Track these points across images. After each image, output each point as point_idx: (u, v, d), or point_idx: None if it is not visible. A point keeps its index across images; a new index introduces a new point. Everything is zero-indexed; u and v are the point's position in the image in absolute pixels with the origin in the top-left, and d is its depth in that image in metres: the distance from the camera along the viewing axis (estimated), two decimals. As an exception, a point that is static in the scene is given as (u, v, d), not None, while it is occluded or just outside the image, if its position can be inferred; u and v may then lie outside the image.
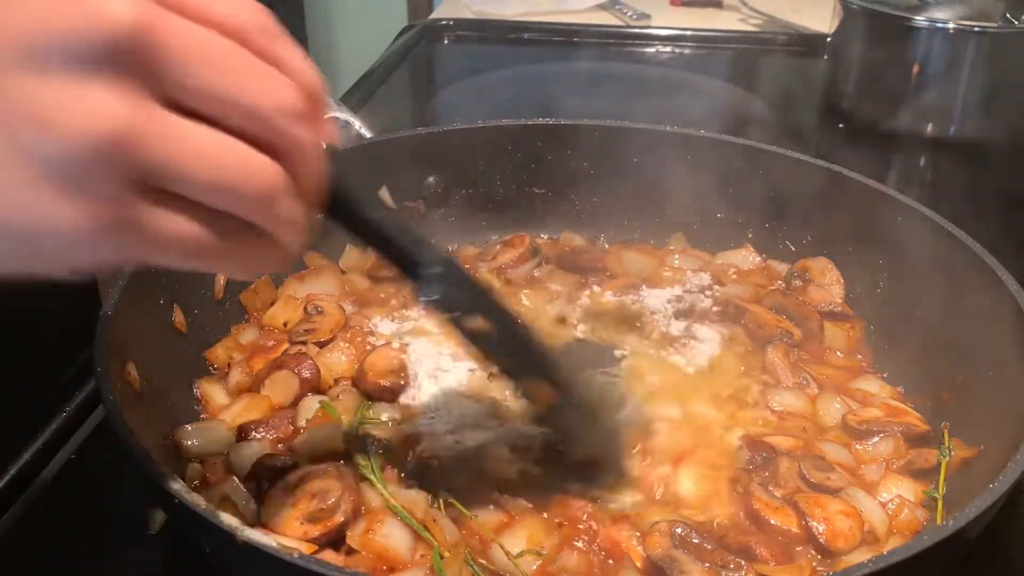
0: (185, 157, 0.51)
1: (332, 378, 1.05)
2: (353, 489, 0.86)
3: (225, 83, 0.52)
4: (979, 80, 1.73)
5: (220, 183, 0.53)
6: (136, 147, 0.49)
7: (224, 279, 1.12)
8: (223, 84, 0.52)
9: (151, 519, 0.90)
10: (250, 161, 0.54)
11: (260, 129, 0.54)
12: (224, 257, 0.57)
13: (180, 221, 0.53)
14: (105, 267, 0.54)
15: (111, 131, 0.48)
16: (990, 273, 0.97)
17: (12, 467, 0.96)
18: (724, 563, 0.79)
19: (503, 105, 1.90)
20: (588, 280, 1.24)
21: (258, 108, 0.53)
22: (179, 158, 0.51)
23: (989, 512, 0.72)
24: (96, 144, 0.48)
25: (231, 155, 0.53)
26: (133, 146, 0.49)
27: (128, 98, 0.49)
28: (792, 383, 1.06)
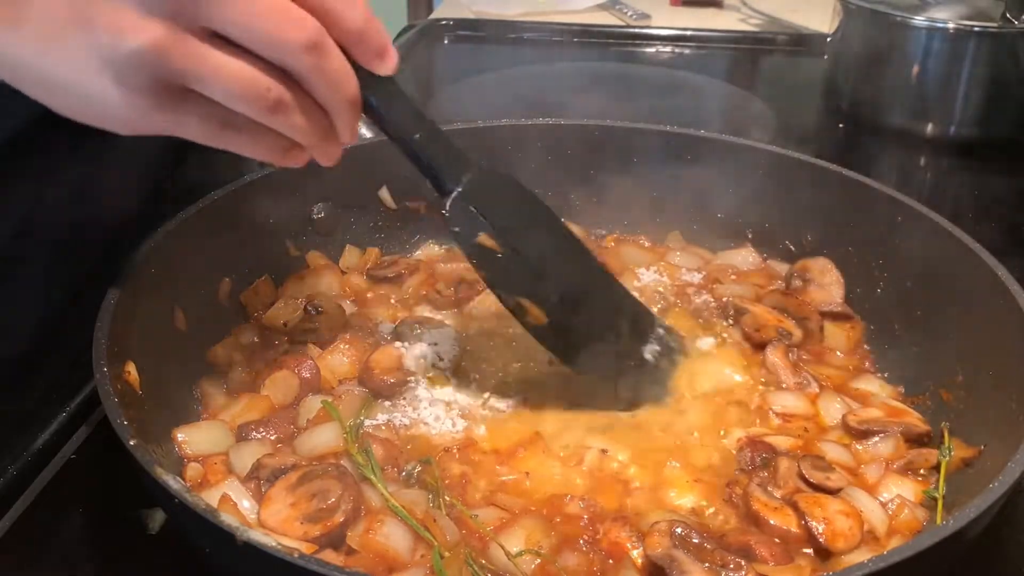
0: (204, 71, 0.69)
1: (332, 378, 1.05)
2: (353, 489, 0.86)
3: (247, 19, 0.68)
4: (979, 80, 1.73)
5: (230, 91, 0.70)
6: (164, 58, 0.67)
7: (228, 285, 1.12)
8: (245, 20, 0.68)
9: (151, 519, 0.89)
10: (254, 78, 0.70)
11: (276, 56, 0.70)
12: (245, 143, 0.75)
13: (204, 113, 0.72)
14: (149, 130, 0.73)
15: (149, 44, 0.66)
16: (990, 273, 0.97)
17: (12, 467, 0.96)
18: (724, 563, 0.79)
19: (503, 105, 1.90)
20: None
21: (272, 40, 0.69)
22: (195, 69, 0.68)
23: (989, 512, 0.72)
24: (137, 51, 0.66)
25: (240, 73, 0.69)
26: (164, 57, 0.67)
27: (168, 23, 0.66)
28: (792, 383, 1.06)
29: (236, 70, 0.69)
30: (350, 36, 0.74)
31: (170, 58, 0.67)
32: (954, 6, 1.77)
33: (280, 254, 1.21)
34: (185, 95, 0.70)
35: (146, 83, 0.68)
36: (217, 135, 0.73)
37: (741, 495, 0.90)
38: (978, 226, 1.05)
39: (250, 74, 0.70)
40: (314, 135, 0.76)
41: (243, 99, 0.70)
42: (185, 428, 0.94)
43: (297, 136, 0.75)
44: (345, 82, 0.75)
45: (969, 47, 1.72)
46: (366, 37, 0.75)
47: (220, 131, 0.73)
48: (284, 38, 0.69)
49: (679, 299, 1.21)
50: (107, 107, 0.70)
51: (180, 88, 0.69)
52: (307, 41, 0.70)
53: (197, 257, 1.07)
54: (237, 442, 0.95)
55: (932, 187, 1.79)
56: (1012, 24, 1.69)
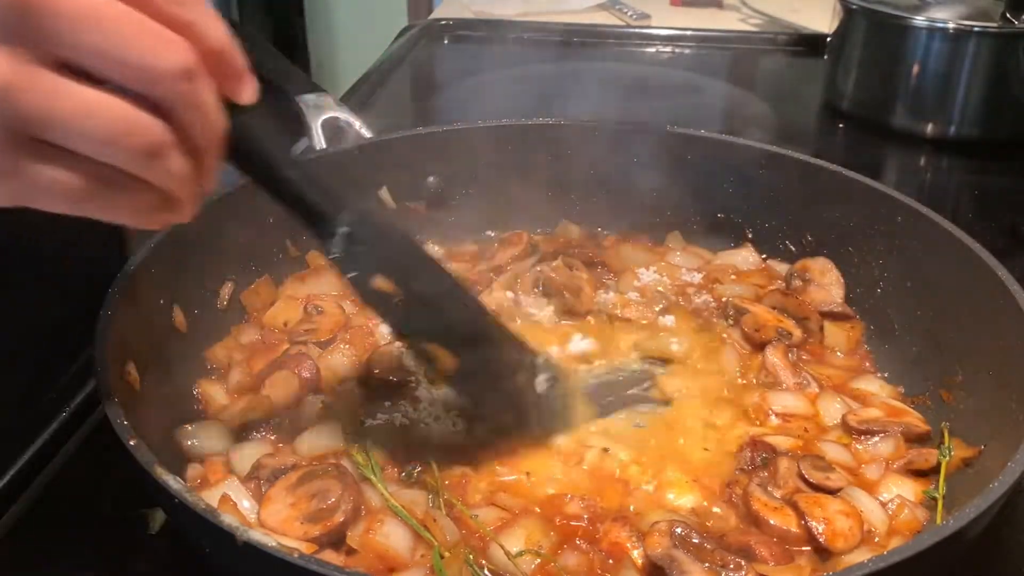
0: (62, 111, 0.54)
1: (332, 378, 1.05)
2: (353, 489, 0.86)
3: (109, 44, 0.55)
4: (979, 80, 1.73)
5: (98, 135, 0.56)
6: (12, 101, 0.53)
7: (229, 289, 1.13)
8: (107, 45, 0.55)
9: (151, 519, 0.90)
10: (130, 117, 0.57)
11: (147, 88, 0.57)
12: (113, 206, 0.60)
13: (64, 171, 0.57)
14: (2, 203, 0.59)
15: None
16: (990, 273, 0.97)
17: (12, 467, 0.96)
18: (724, 563, 0.79)
19: (503, 105, 1.90)
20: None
21: (143, 67, 0.56)
22: (56, 112, 0.54)
23: (989, 512, 0.72)
24: None
25: (112, 111, 0.56)
26: (9, 100, 0.53)
27: (8, 58, 0.53)
28: (792, 383, 1.06)
29: (106, 108, 0.56)
30: (211, 58, 0.60)
31: (17, 100, 0.53)
32: (954, 6, 1.77)
33: (280, 254, 1.21)
34: (36, 150, 0.55)
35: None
36: (84, 197, 0.58)
37: (741, 495, 0.90)
38: (978, 226, 1.05)
39: (122, 111, 0.56)
40: (188, 183, 0.62)
41: (117, 144, 0.56)
42: (185, 428, 0.94)
43: (174, 185, 0.61)
44: (217, 115, 0.62)
45: (969, 47, 1.72)
46: (228, 58, 0.62)
47: (90, 191, 0.58)
48: (156, 64, 0.56)
49: (679, 299, 1.21)
50: None
51: (29, 141, 0.55)
52: (182, 66, 0.57)
53: (197, 257, 1.07)
54: (237, 442, 0.95)
55: (932, 187, 1.79)
56: (1012, 24, 1.69)
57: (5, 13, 0.52)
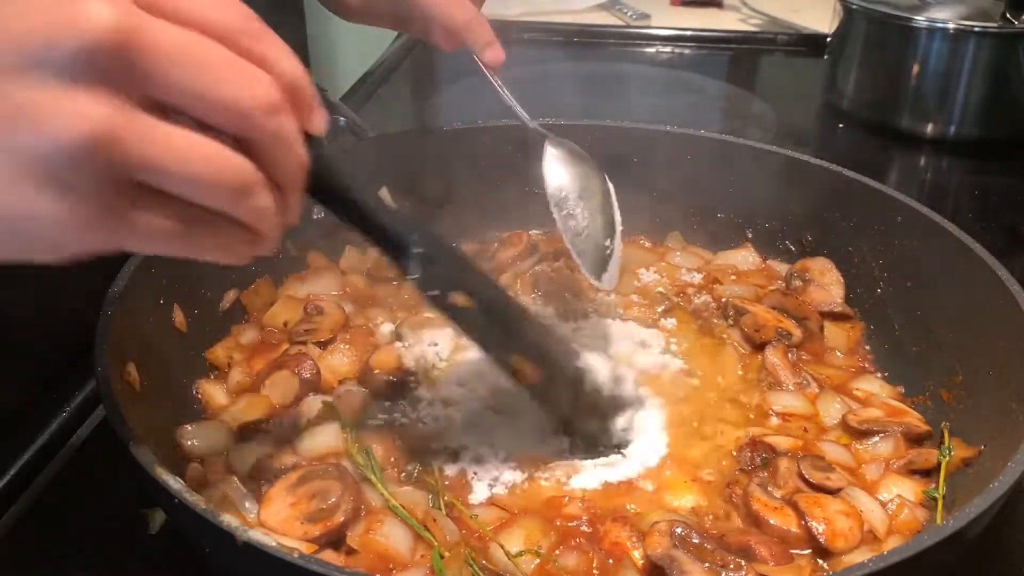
0: (161, 155, 0.54)
1: (332, 378, 1.05)
2: (353, 489, 0.86)
3: (202, 82, 0.55)
4: (979, 80, 1.73)
5: (193, 178, 0.55)
6: (114, 147, 0.52)
7: (233, 295, 1.13)
8: (200, 83, 0.55)
9: (151, 519, 0.90)
10: (223, 158, 0.56)
11: (236, 125, 0.57)
12: (204, 246, 0.60)
13: (159, 213, 0.56)
14: (90, 253, 0.57)
15: (91, 133, 0.51)
16: (990, 273, 0.97)
17: (12, 467, 0.96)
18: (724, 563, 0.79)
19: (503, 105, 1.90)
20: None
21: (234, 104, 0.56)
22: (155, 157, 0.54)
23: (989, 512, 0.72)
24: (77, 145, 0.51)
25: (204, 152, 0.55)
26: (111, 146, 0.52)
27: (108, 101, 0.52)
28: (792, 383, 1.06)
29: (201, 149, 0.55)
30: (287, 91, 0.60)
31: (121, 145, 0.52)
32: (954, 6, 1.77)
33: (280, 254, 1.21)
34: (134, 194, 0.55)
35: (91, 185, 0.52)
36: (177, 238, 0.58)
37: (741, 495, 0.90)
38: (978, 226, 1.05)
39: (216, 152, 0.56)
40: (275, 218, 0.62)
41: (213, 186, 0.56)
42: (185, 428, 0.94)
43: (262, 222, 0.61)
44: (300, 148, 0.62)
45: (969, 47, 1.72)
46: (302, 90, 0.61)
47: (182, 232, 0.58)
48: (246, 101, 0.56)
49: (679, 299, 1.21)
50: (38, 230, 0.54)
51: (127, 185, 0.54)
52: (269, 102, 0.57)
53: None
54: (237, 442, 0.95)
55: (932, 187, 1.79)
56: (1012, 24, 1.69)
57: (110, 57, 0.51)
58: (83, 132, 0.51)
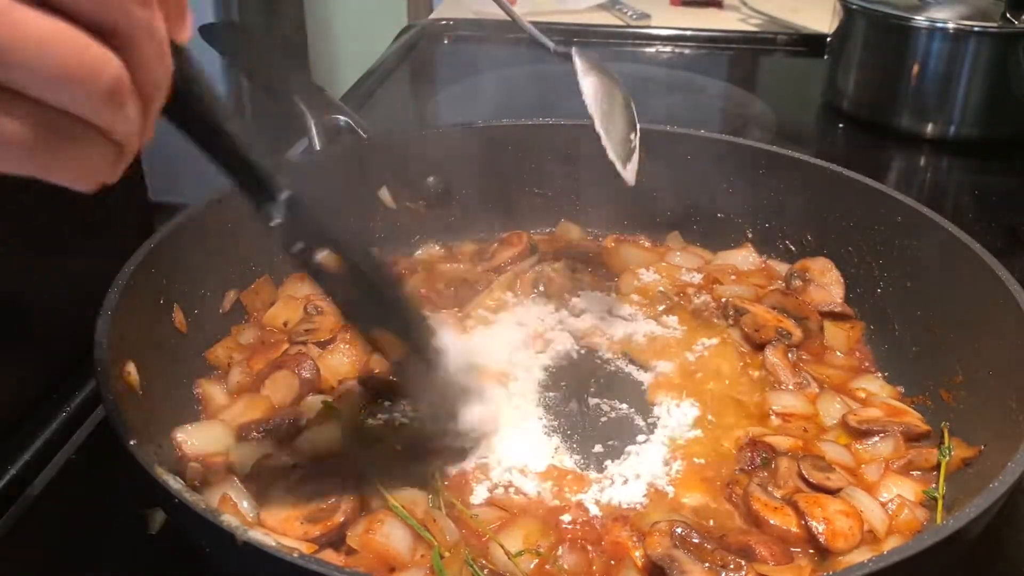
0: (16, 40, 0.46)
1: (332, 378, 1.05)
2: (353, 489, 0.86)
3: None
4: (979, 80, 1.73)
5: (57, 72, 0.47)
6: None
7: (232, 296, 1.13)
8: None
9: (151, 519, 0.90)
10: (89, 49, 0.48)
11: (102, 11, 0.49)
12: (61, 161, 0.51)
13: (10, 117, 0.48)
14: None
15: None
16: (990, 273, 0.97)
17: (12, 467, 0.96)
18: (724, 563, 0.79)
19: (503, 105, 1.90)
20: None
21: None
22: (8, 41, 0.46)
23: (989, 512, 0.72)
24: None
25: (69, 42, 0.47)
26: None
27: None
28: (792, 383, 1.06)
29: (63, 37, 0.47)
30: None
31: None
32: (954, 6, 1.77)
33: (280, 254, 1.21)
34: None
35: None
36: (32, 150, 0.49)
37: (741, 495, 0.90)
38: (978, 226, 1.05)
39: (80, 42, 0.47)
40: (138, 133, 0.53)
41: (76, 81, 0.47)
42: (185, 428, 0.94)
43: (127, 134, 0.52)
44: (168, 51, 0.53)
45: (969, 47, 1.72)
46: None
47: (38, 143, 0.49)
48: None
49: (679, 299, 1.21)
50: None
51: None
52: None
53: (197, 257, 1.07)
54: (237, 442, 0.95)
55: (932, 187, 1.79)
56: (1012, 24, 1.69)
57: None
58: None
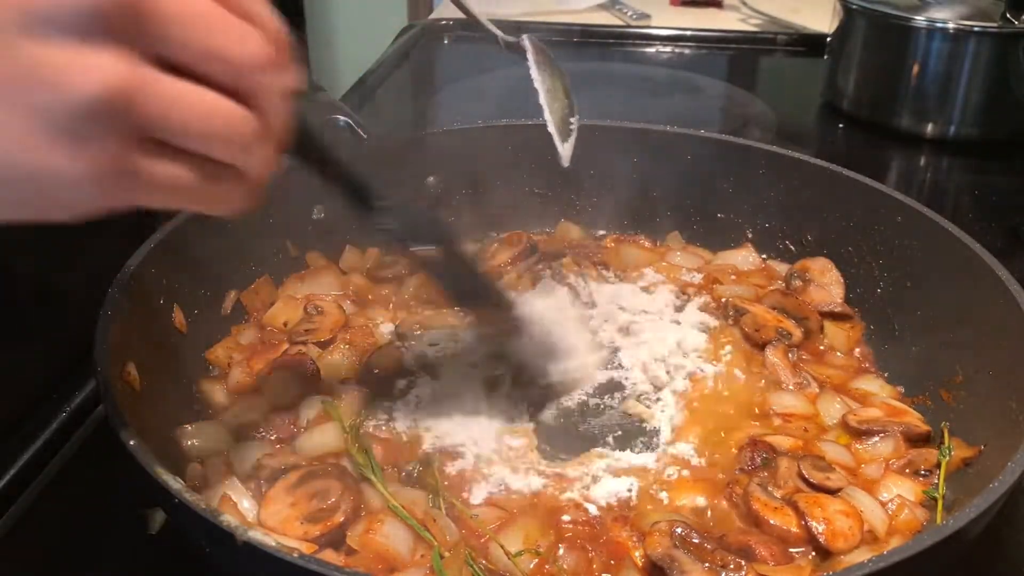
0: (175, 109, 0.56)
1: (332, 378, 1.05)
2: (353, 489, 0.86)
3: (205, 38, 0.57)
4: (979, 80, 1.73)
5: (206, 131, 0.58)
6: (132, 102, 0.54)
7: (233, 297, 1.13)
8: (204, 39, 0.57)
9: (151, 519, 0.90)
10: (231, 110, 0.59)
11: (237, 79, 0.59)
12: (206, 197, 0.62)
13: (169, 166, 0.58)
14: (102, 210, 0.59)
15: (109, 89, 0.53)
16: (990, 273, 0.97)
17: (12, 467, 0.96)
18: (724, 563, 0.79)
19: (503, 105, 1.90)
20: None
21: (235, 58, 0.58)
22: (169, 110, 0.56)
23: (989, 512, 0.72)
24: (96, 101, 0.53)
25: (214, 105, 0.58)
26: (129, 102, 0.54)
27: (123, 58, 0.53)
28: (792, 383, 1.06)
29: (211, 102, 0.58)
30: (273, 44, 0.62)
31: (138, 100, 0.54)
32: (954, 6, 1.77)
33: (280, 254, 1.21)
34: (150, 149, 0.57)
35: (107, 139, 0.54)
36: (191, 192, 0.60)
37: (741, 495, 0.90)
38: (978, 226, 1.05)
39: (224, 104, 0.58)
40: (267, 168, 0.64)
41: (223, 136, 0.59)
42: (185, 428, 0.94)
43: (261, 172, 0.64)
44: (287, 101, 0.64)
45: (969, 47, 1.72)
46: (284, 45, 0.63)
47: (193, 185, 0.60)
48: (244, 56, 0.58)
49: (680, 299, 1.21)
50: (54, 187, 0.55)
51: (140, 139, 0.56)
52: (263, 57, 0.59)
53: (197, 257, 1.07)
54: (237, 442, 0.95)
55: (932, 187, 1.79)
56: (1012, 24, 1.69)
57: (117, 14, 0.53)
58: (99, 87, 0.52)
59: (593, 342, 1.12)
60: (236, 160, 0.61)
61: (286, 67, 0.63)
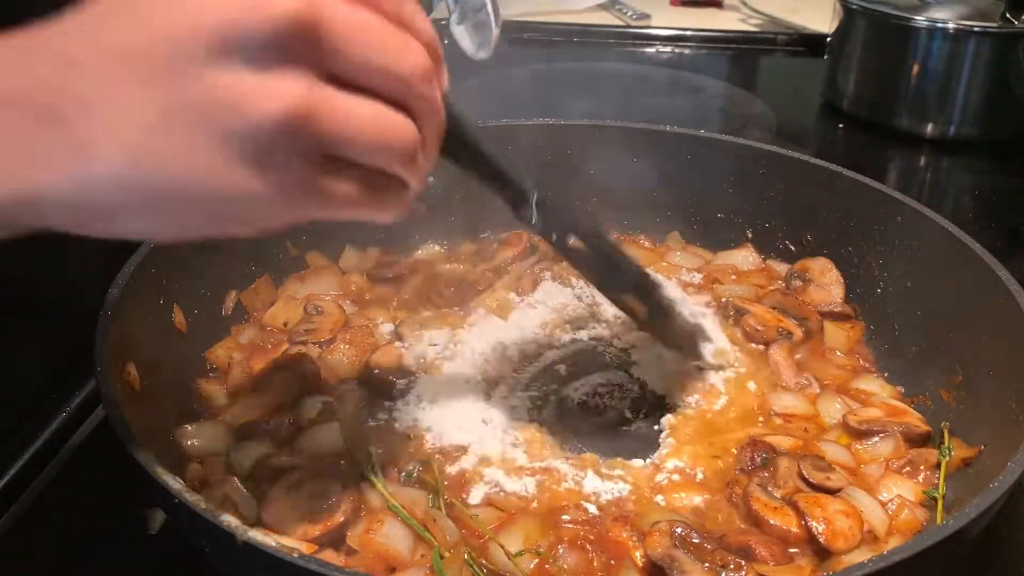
0: (351, 126, 0.58)
1: (332, 378, 1.05)
2: (353, 489, 0.86)
3: (374, 53, 0.58)
4: (979, 80, 1.73)
5: (379, 145, 0.60)
6: (312, 122, 0.56)
7: (234, 297, 1.13)
8: (372, 54, 0.58)
9: (151, 519, 0.90)
10: (400, 124, 0.61)
11: (401, 90, 0.61)
12: (373, 206, 0.64)
13: (344, 181, 0.60)
14: (282, 225, 0.61)
15: (290, 111, 0.55)
16: (990, 273, 0.97)
17: (12, 467, 0.96)
18: (724, 563, 0.79)
19: (503, 105, 1.90)
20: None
21: (403, 71, 0.60)
22: (346, 128, 0.58)
23: (989, 512, 0.72)
24: (280, 124, 0.55)
25: (386, 121, 0.60)
26: (309, 122, 0.56)
27: (299, 80, 0.55)
28: (793, 383, 1.06)
29: (382, 116, 0.59)
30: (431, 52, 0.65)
31: (316, 119, 0.56)
32: (954, 6, 1.77)
33: (280, 254, 1.21)
34: (326, 165, 0.59)
35: (290, 159, 0.56)
36: (363, 203, 0.62)
37: (741, 495, 0.90)
38: (978, 226, 1.05)
39: (393, 117, 0.60)
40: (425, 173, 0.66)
41: (394, 149, 0.60)
42: (185, 428, 0.94)
43: (421, 180, 0.66)
44: (442, 107, 0.66)
45: (969, 47, 1.72)
46: (438, 50, 0.66)
47: (365, 195, 0.61)
48: (409, 68, 0.60)
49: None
50: (241, 206, 0.58)
51: (318, 156, 0.58)
52: (425, 68, 0.61)
53: (197, 257, 1.07)
54: (237, 442, 0.95)
55: (932, 187, 1.79)
56: (1012, 24, 1.69)
57: (295, 37, 0.54)
58: (283, 111, 0.54)
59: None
60: (402, 169, 0.62)
61: (442, 73, 0.66)
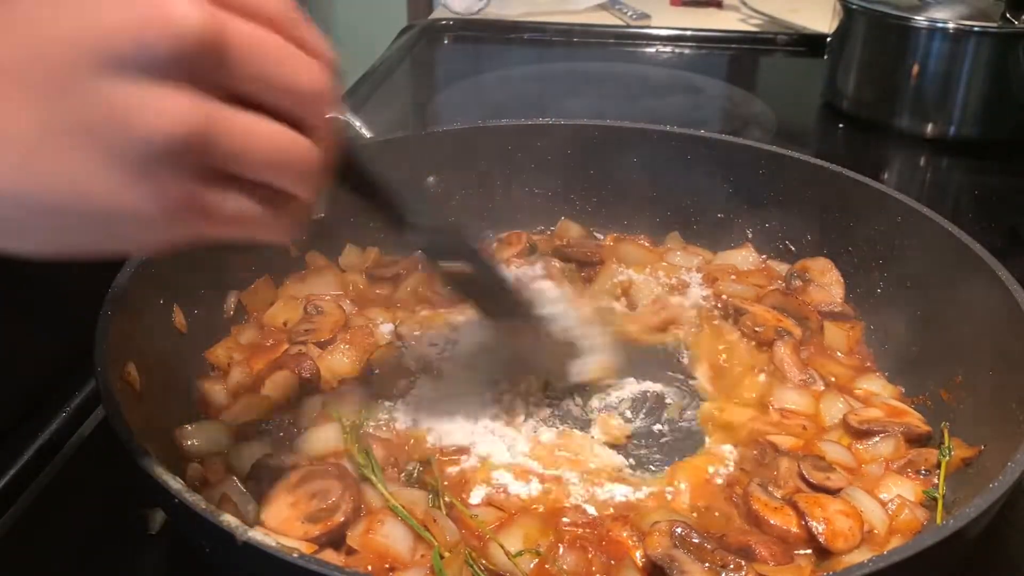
0: (248, 143, 0.57)
1: (332, 378, 1.05)
2: (353, 489, 0.86)
3: (273, 71, 0.57)
4: (979, 80, 1.73)
5: (276, 162, 0.59)
6: (207, 141, 0.54)
7: (234, 296, 1.13)
8: (272, 72, 0.57)
9: (151, 519, 0.90)
10: (297, 142, 0.60)
11: (302, 110, 0.60)
12: (266, 226, 0.63)
13: (236, 199, 0.59)
14: (168, 244, 0.60)
15: (186, 128, 0.53)
16: (990, 273, 0.97)
17: (12, 467, 0.96)
18: (724, 563, 0.79)
19: (503, 105, 1.91)
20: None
21: (300, 89, 0.59)
22: (244, 145, 0.56)
23: (989, 512, 0.72)
24: (172, 141, 0.53)
25: (282, 138, 0.59)
26: (204, 139, 0.54)
27: (196, 97, 0.54)
28: (797, 380, 1.06)
29: (281, 136, 0.59)
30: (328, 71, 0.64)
31: (212, 137, 0.54)
32: (954, 6, 1.77)
33: (280, 254, 1.21)
34: (218, 184, 0.57)
35: (181, 176, 0.55)
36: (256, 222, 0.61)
37: (741, 495, 0.90)
38: (978, 226, 1.05)
39: (289, 135, 0.59)
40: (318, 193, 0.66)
41: (287, 168, 0.60)
42: (185, 428, 0.94)
43: (313, 197, 0.65)
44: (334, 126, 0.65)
45: (969, 47, 1.72)
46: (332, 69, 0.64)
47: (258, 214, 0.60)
48: (306, 86, 0.59)
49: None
50: (129, 222, 0.56)
51: (210, 173, 0.56)
52: (322, 86, 0.60)
53: (197, 257, 1.06)
54: (237, 442, 0.95)
55: (932, 187, 1.79)
56: (1012, 24, 1.69)
57: (195, 53, 0.53)
58: (178, 128, 0.53)
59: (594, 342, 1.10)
60: (298, 187, 0.61)
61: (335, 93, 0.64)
